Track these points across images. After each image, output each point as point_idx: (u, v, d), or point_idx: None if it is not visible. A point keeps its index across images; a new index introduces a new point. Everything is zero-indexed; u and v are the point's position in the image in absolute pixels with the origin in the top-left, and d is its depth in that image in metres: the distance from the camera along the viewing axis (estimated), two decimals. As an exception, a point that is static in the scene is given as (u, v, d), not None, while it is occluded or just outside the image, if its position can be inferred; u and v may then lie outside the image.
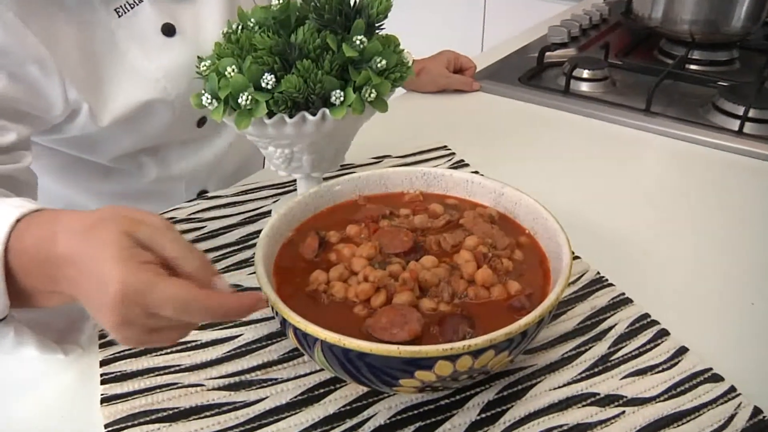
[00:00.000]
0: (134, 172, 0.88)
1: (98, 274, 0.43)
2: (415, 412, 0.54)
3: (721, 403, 0.54)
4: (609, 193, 0.86)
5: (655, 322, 0.62)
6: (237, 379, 0.57)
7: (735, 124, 0.99)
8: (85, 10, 0.71)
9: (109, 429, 0.53)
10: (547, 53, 1.26)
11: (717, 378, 0.56)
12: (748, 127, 0.98)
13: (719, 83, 1.15)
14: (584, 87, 1.16)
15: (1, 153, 0.65)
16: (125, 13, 0.74)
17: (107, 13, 0.72)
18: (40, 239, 0.47)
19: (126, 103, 0.75)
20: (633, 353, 0.59)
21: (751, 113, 0.99)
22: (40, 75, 0.66)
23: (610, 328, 0.62)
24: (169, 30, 0.77)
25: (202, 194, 0.90)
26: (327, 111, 0.61)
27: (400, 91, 1.16)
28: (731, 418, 0.53)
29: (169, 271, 0.45)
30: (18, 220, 0.49)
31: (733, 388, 0.55)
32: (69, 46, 0.69)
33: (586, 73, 1.17)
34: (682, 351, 0.59)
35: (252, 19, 0.64)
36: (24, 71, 0.66)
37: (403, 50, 0.67)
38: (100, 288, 0.43)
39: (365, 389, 0.56)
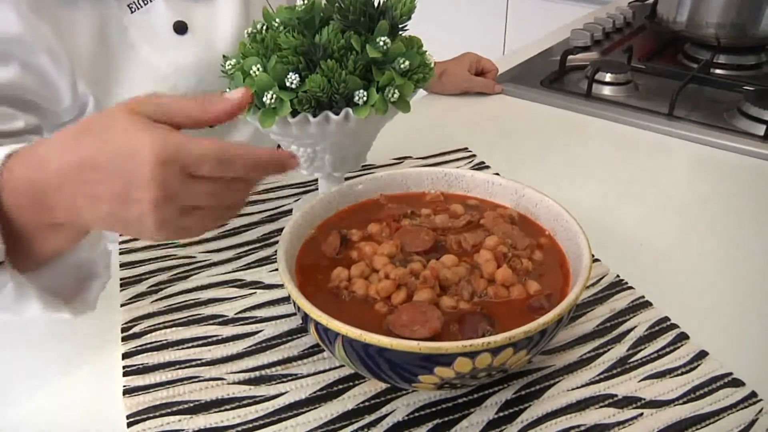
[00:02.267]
0: None
1: (121, 152, 0.41)
2: (433, 409, 0.54)
3: (741, 408, 0.53)
4: (630, 197, 0.86)
5: (674, 326, 0.62)
6: (257, 373, 0.58)
7: (761, 129, 0.98)
8: (98, 4, 0.72)
9: (131, 420, 0.54)
10: (570, 56, 1.26)
11: (737, 383, 0.56)
12: (774, 133, 0.98)
13: (745, 88, 1.14)
14: (606, 91, 1.16)
15: (9, 137, 0.66)
16: (138, 8, 0.75)
17: (120, 8, 0.74)
18: (29, 168, 0.45)
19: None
20: (652, 356, 0.59)
21: (778, 118, 0.98)
22: (51, 65, 0.68)
23: (629, 331, 0.61)
24: (180, 28, 0.78)
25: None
26: (350, 111, 0.62)
27: (421, 93, 1.16)
28: (752, 423, 0.52)
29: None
30: (8, 156, 0.46)
31: (754, 394, 0.55)
32: (81, 40, 0.70)
33: (608, 77, 1.17)
34: (702, 355, 0.59)
35: (277, 20, 0.65)
36: (36, 61, 0.67)
37: (425, 51, 0.68)
38: (125, 168, 0.41)
39: (384, 386, 0.56)
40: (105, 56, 0.74)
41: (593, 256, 0.55)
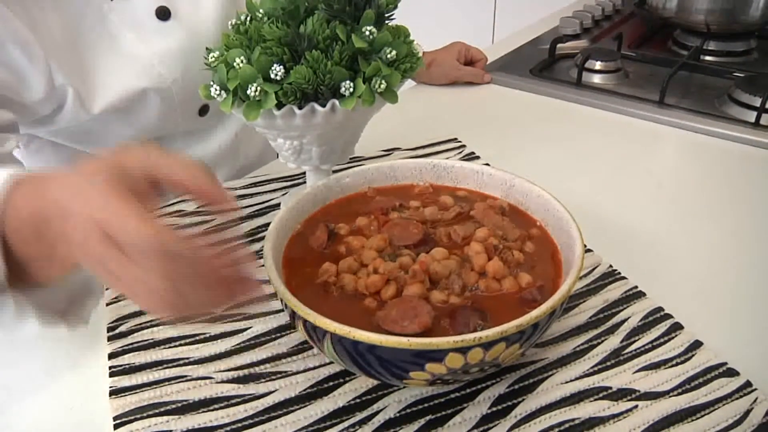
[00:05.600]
0: None
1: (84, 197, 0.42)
2: (426, 405, 0.53)
3: (737, 398, 0.53)
4: (622, 186, 0.85)
5: (668, 316, 0.61)
6: (246, 371, 0.57)
7: (752, 116, 0.98)
8: None
9: (118, 421, 0.52)
10: (559, 45, 1.25)
11: (732, 372, 0.55)
12: (766, 119, 0.97)
13: (735, 74, 1.13)
14: (597, 79, 1.15)
15: None
16: None
17: None
18: (34, 197, 0.46)
19: (119, 90, 0.74)
20: (646, 347, 0.58)
21: (769, 104, 0.97)
22: (24, 59, 0.65)
23: (623, 322, 0.61)
24: (163, 13, 0.76)
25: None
26: (336, 102, 0.60)
27: (410, 83, 1.15)
28: (747, 413, 0.52)
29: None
30: (12, 186, 0.47)
31: (748, 383, 0.54)
32: (57, 31, 0.68)
33: (598, 65, 1.16)
34: (696, 345, 0.58)
35: (261, 10, 0.63)
36: (6, 54, 0.64)
37: (413, 41, 0.66)
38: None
39: (375, 382, 0.55)
40: (83, 46, 0.71)
41: (585, 245, 0.54)
